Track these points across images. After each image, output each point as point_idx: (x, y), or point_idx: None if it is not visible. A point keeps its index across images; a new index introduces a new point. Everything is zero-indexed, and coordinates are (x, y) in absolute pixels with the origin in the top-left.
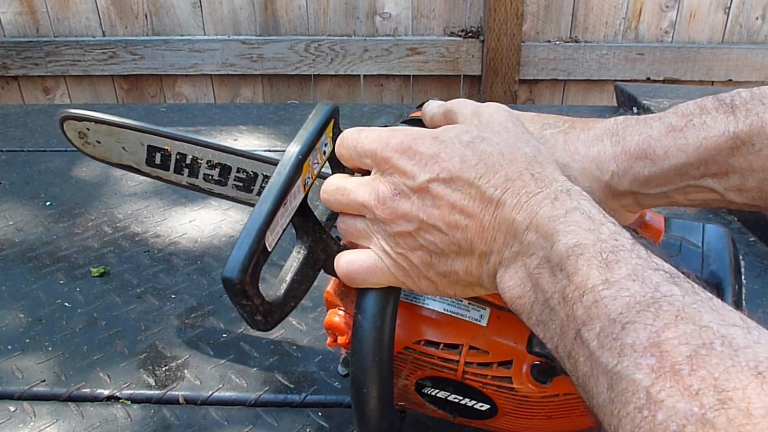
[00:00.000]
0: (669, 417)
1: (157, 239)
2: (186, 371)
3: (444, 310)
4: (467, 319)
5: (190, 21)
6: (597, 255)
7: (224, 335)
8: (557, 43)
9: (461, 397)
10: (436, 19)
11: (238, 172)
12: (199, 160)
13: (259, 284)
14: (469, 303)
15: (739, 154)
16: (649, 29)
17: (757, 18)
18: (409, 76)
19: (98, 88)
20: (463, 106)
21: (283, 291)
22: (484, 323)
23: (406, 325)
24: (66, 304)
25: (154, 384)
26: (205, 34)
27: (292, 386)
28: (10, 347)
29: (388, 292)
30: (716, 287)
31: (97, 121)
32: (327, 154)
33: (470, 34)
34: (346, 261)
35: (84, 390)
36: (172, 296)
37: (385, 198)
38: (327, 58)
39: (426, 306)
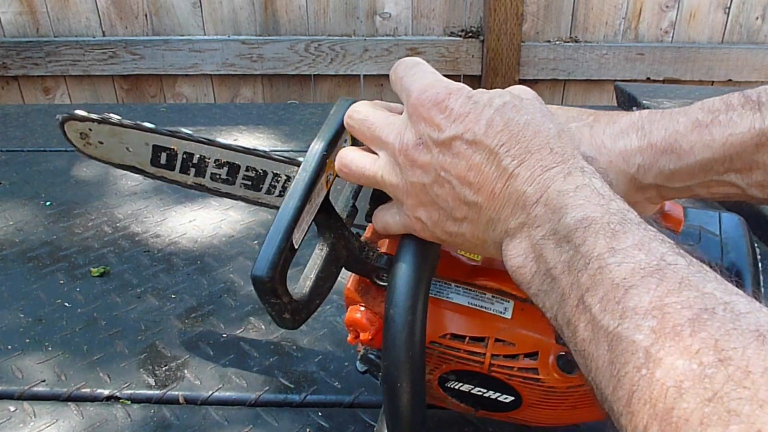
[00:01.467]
0: (667, 374)
1: (157, 239)
2: (186, 371)
3: (468, 303)
4: (492, 311)
5: (190, 21)
6: (605, 226)
7: (224, 335)
8: (557, 43)
9: (485, 390)
10: (436, 19)
11: (247, 170)
12: (206, 159)
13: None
14: (492, 296)
15: (765, 150)
16: (649, 29)
17: (757, 18)
18: None
19: (98, 88)
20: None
21: (308, 289)
22: (508, 316)
23: (431, 319)
24: (66, 304)
25: (154, 384)
26: (205, 34)
27: (292, 386)
28: (10, 347)
29: (419, 285)
30: (736, 275)
31: (100, 122)
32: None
33: (470, 34)
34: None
35: (84, 390)
36: (172, 296)
37: (408, 145)
38: (327, 58)
39: (450, 300)
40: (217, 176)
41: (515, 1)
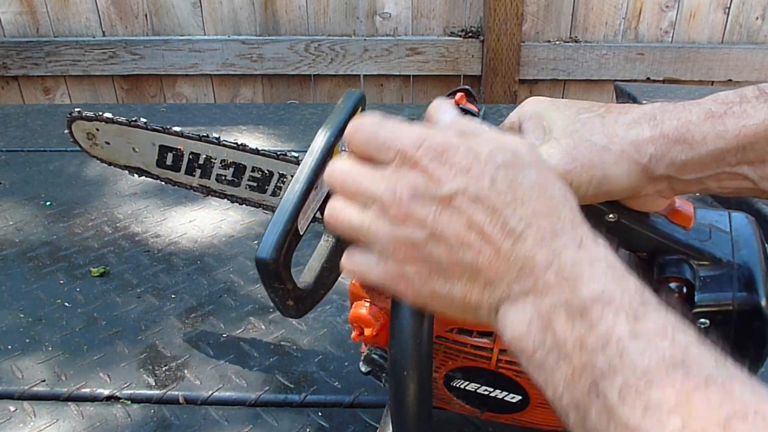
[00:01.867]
0: None
1: (157, 239)
2: (186, 371)
3: None
4: None
5: (190, 21)
6: (624, 306)
7: (224, 335)
8: (557, 43)
9: (492, 389)
10: (436, 19)
11: (253, 171)
12: (212, 160)
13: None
14: None
15: None
16: (649, 29)
17: (757, 18)
18: (409, 76)
19: (98, 88)
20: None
21: (313, 278)
22: None
23: (437, 313)
24: (66, 304)
25: (154, 384)
26: (205, 34)
27: (292, 386)
28: (10, 347)
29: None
30: (747, 270)
31: (108, 121)
32: None
33: (470, 34)
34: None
35: (84, 390)
36: (172, 296)
37: (402, 197)
38: (327, 58)
39: None
40: (223, 177)
41: (515, 1)
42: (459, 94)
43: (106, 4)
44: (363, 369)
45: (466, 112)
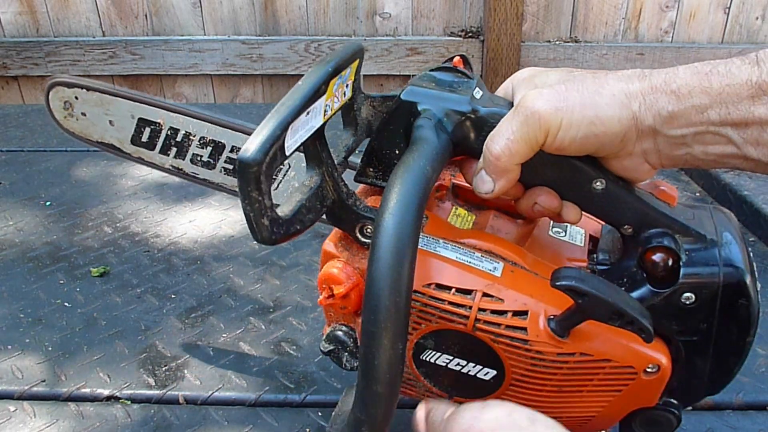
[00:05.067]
0: None
1: (157, 239)
2: (186, 371)
3: (456, 258)
4: (481, 268)
5: (190, 21)
6: None
7: (224, 335)
8: (557, 43)
9: (465, 362)
10: (436, 19)
11: (231, 151)
12: (191, 137)
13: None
14: (482, 255)
15: (760, 103)
16: (649, 29)
17: (757, 18)
18: (409, 76)
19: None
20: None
21: (291, 209)
22: (498, 274)
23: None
24: (66, 304)
25: (154, 384)
26: (205, 34)
27: (292, 386)
28: (10, 347)
29: (411, 223)
30: (730, 249)
31: (89, 88)
32: (347, 95)
33: (470, 34)
34: None
35: (84, 390)
36: (172, 296)
37: None
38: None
39: (437, 253)
40: (198, 158)
41: (515, 1)
42: (456, 58)
43: (106, 4)
44: (323, 348)
45: (463, 74)
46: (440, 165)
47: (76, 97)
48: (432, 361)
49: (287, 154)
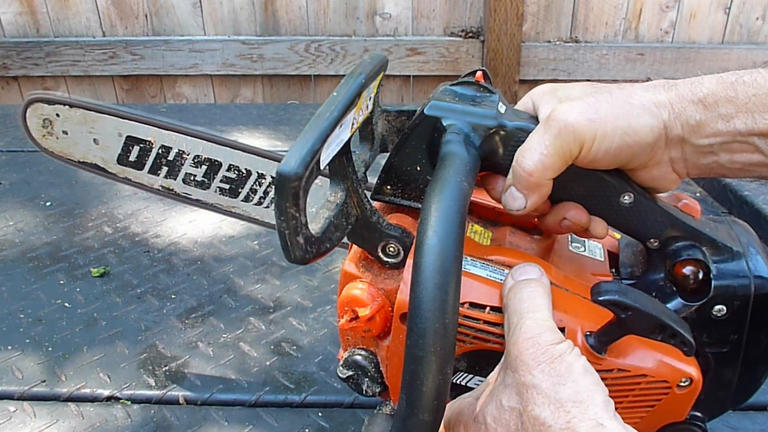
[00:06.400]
0: None
1: (157, 239)
2: (186, 371)
3: (487, 275)
4: None
5: (190, 21)
6: None
7: (224, 335)
8: (557, 43)
9: None
10: (436, 19)
11: (228, 170)
12: (184, 155)
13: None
14: None
15: None
16: (649, 29)
17: (757, 18)
18: (409, 76)
19: (98, 88)
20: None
21: (320, 227)
22: None
23: None
24: (66, 304)
25: (154, 384)
26: (205, 35)
27: (292, 386)
28: (10, 347)
29: (459, 243)
30: (757, 260)
31: (73, 105)
32: (369, 108)
33: (470, 35)
34: None
35: (84, 390)
36: (172, 296)
37: None
38: (327, 59)
39: (467, 271)
40: (192, 178)
41: (515, 1)
42: (478, 73)
43: (106, 4)
44: (341, 375)
45: (485, 89)
46: (473, 180)
47: (57, 114)
48: (465, 384)
49: (321, 168)
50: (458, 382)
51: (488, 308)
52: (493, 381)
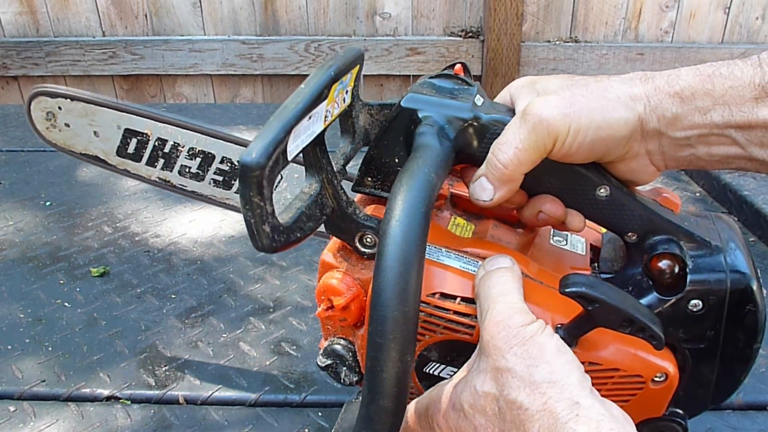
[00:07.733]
0: None
1: (157, 239)
2: (186, 371)
3: (461, 267)
4: None
5: (190, 21)
6: None
7: (224, 335)
8: (557, 43)
9: None
10: (436, 19)
11: (221, 162)
12: (179, 148)
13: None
14: None
15: (764, 105)
16: (649, 29)
17: (757, 18)
18: (409, 76)
19: (98, 88)
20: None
21: (291, 216)
22: None
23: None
24: (66, 304)
25: (154, 384)
26: (205, 34)
27: (292, 386)
28: (10, 347)
29: (419, 230)
30: (735, 255)
31: (74, 98)
32: (346, 101)
33: (470, 34)
34: None
35: (84, 390)
36: (172, 296)
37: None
38: (327, 58)
39: (440, 262)
40: (187, 170)
41: (515, 1)
42: (457, 66)
43: (106, 4)
44: (320, 364)
45: (463, 81)
46: (444, 172)
47: (60, 107)
48: (436, 373)
49: (289, 159)
50: (430, 372)
51: (459, 299)
52: (468, 368)
